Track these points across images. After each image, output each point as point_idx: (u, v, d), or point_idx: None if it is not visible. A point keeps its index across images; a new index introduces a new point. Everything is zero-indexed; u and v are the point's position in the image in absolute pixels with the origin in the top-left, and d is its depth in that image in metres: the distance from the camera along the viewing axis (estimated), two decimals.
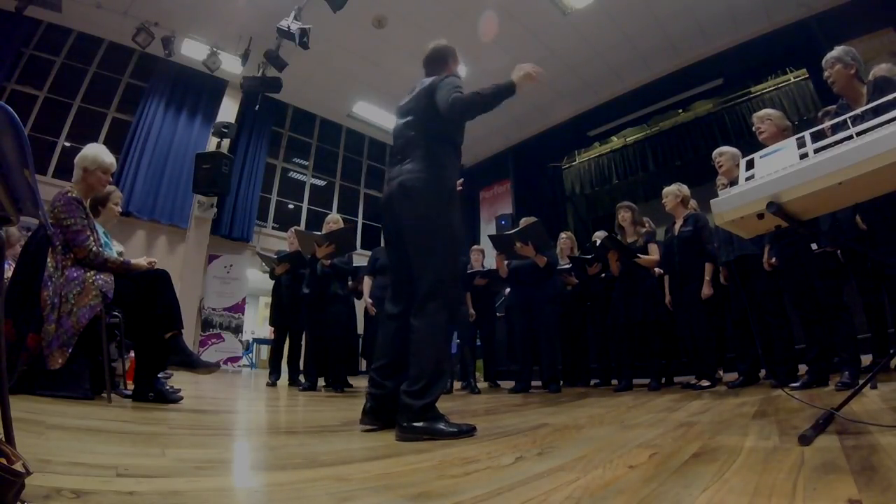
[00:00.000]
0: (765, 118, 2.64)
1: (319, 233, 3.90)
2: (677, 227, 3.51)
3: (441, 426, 1.49)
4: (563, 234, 4.55)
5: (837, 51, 2.33)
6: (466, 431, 1.49)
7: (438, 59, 1.90)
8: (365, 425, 1.67)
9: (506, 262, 4.06)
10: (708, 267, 3.31)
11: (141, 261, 2.40)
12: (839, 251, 2.92)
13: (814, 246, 2.66)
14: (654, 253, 3.64)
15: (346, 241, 3.86)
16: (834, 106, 2.60)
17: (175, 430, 1.59)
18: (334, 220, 4.15)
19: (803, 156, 1.14)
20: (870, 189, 1.09)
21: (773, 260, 2.79)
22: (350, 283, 4.27)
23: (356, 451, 1.34)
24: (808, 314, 2.60)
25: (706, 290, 3.28)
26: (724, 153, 3.02)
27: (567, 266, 4.29)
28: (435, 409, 1.55)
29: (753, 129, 2.69)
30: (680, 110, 7.98)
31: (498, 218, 8.79)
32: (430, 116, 1.73)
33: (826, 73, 2.35)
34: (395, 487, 0.86)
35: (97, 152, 2.35)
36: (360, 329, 4.82)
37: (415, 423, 1.48)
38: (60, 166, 6.39)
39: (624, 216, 3.84)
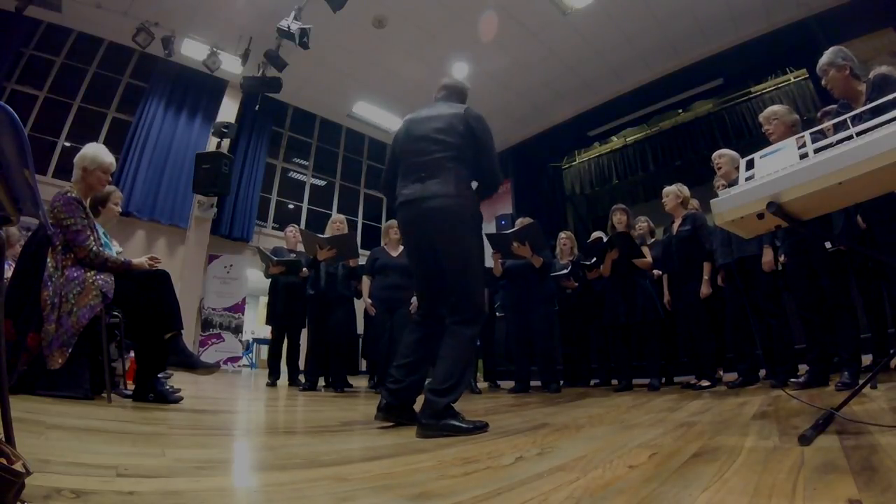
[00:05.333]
0: (771, 118, 2.59)
1: (324, 235, 3.88)
2: (676, 226, 3.51)
3: (458, 423, 1.58)
4: (562, 234, 4.54)
5: (827, 55, 2.30)
6: (480, 428, 1.60)
7: (461, 94, 2.05)
8: (379, 421, 1.74)
9: (500, 262, 4.06)
10: (706, 266, 3.31)
11: (142, 260, 2.40)
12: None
13: (828, 245, 2.64)
14: (647, 255, 3.67)
15: (348, 247, 3.86)
16: (834, 106, 2.59)
17: (175, 430, 1.59)
18: (339, 220, 4.14)
19: (803, 156, 1.14)
20: (870, 189, 1.09)
21: (782, 258, 2.78)
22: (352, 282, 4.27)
23: (356, 451, 1.34)
24: (812, 314, 2.59)
25: (705, 290, 3.28)
26: (723, 155, 3.02)
27: (565, 271, 4.28)
28: (453, 407, 1.64)
29: (763, 130, 2.66)
30: (680, 110, 7.97)
31: (498, 218, 8.78)
32: (466, 141, 1.82)
33: (823, 81, 2.34)
34: (395, 487, 0.86)
35: (96, 152, 2.34)
36: (360, 329, 4.82)
37: (435, 420, 1.57)
38: (60, 166, 6.38)
39: (620, 218, 3.85)
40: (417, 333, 1.84)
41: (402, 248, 3.68)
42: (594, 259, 3.99)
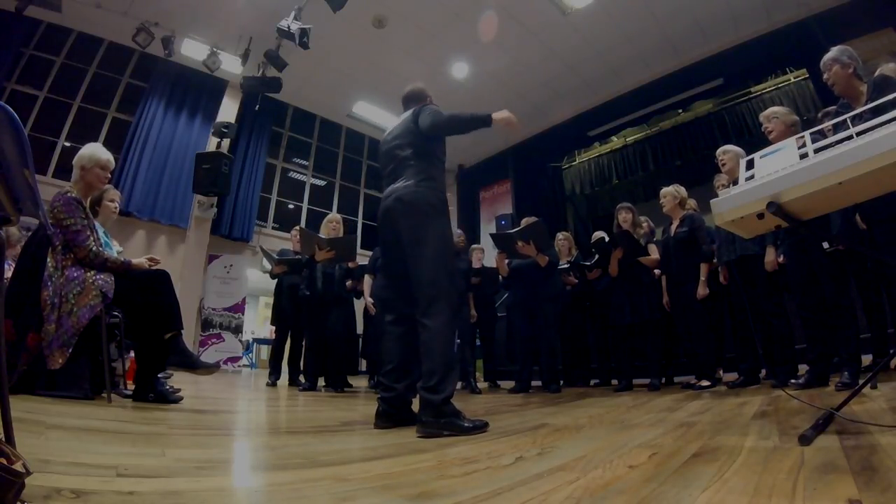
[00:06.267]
0: (771, 117, 2.62)
1: (325, 237, 3.86)
2: (673, 227, 3.52)
3: (458, 422, 1.58)
4: (560, 235, 4.53)
5: (834, 51, 2.32)
6: (481, 427, 1.60)
7: (416, 97, 2.10)
8: (379, 428, 1.74)
9: (506, 262, 4.06)
10: (703, 267, 3.31)
11: (142, 260, 2.40)
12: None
13: (825, 245, 2.65)
14: (653, 253, 3.65)
15: (347, 250, 3.85)
16: (834, 107, 2.59)
17: (175, 430, 1.59)
18: (336, 219, 4.12)
19: (803, 156, 1.14)
20: (870, 189, 1.09)
21: (781, 258, 2.78)
22: (349, 282, 4.26)
23: (356, 451, 1.34)
24: (812, 314, 2.59)
25: (702, 291, 3.28)
26: (728, 151, 3.02)
27: (566, 266, 4.28)
28: (452, 404, 1.63)
29: (762, 129, 2.67)
30: (680, 110, 7.97)
31: (498, 218, 8.79)
32: (417, 138, 1.91)
33: (825, 76, 2.35)
34: (395, 487, 0.86)
35: (93, 150, 2.35)
36: (360, 328, 4.82)
37: (434, 419, 1.57)
38: (60, 166, 6.38)
39: (625, 217, 3.84)
40: (393, 334, 1.85)
41: None
42: (596, 258, 3.99)
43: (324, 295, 3.90)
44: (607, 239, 3.83)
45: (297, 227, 4.76)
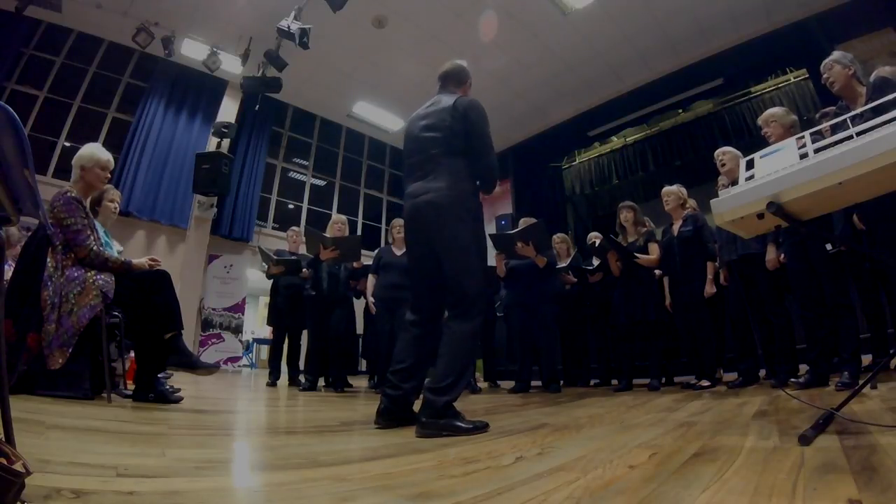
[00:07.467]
0: (769, 120, 2.65)
1: (330, 236, 3.86)
2: (676, 227, 3.51)
3: (458, 423, 1.57)
4: (556, 237, 4.48)
5: (835, 54, 2.39)
6: (481, 428, 1.58)
7: (458, 78, 2.01)
8: (379, 425, 1.72)
9: (504, 262, 4.05)
10: (710, 266, 3.31)
11: (142, 261, 2.40)
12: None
13: (828, 246, 2.66)
14: (654, 252, 3.63)
15: (351, 250, 3.86)
16: (832, 108, 2.60)
17: (175, 430, 1.59)
18: (341, 220, 4.13)
19: (803, 156, 1.14)
20: (870, 189, 1.09)
21: (782, 257, 2.79)
22: (351, 282, 4.26)
23: (356, 451, 1.34)
24: (812, 314, 2.59)
25: (709, 289, 3.28)
26: (727, 152, 3.03)
27: (563, 266, 4.28)
28: (453, 407, 1.62)
29: (762, 133, 2.70)
30: (680, 110, 7.97)
31: (498, 218, 8.79)
32: (455, 135, 1.79)
33: (825, 76, 2.39)
34: (395, 487, 0.86)
35: (93, 150, 2.35)
36: (360, 329, 4.81)
37: (435, 420, 1.56)
38: (60, 166, 6.38)
39: (626, 216, 3.84)
40: (410, 334, 1.81)
41: None
42: (598, 263, 4.00)
43: (328, 295, 3.91)
44: (597, 244, 3.84)
45: (294, 228, 4.77)
